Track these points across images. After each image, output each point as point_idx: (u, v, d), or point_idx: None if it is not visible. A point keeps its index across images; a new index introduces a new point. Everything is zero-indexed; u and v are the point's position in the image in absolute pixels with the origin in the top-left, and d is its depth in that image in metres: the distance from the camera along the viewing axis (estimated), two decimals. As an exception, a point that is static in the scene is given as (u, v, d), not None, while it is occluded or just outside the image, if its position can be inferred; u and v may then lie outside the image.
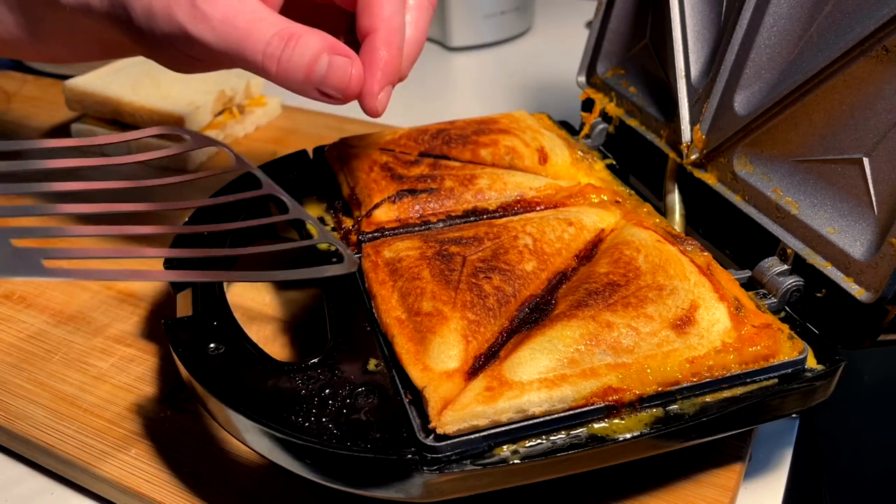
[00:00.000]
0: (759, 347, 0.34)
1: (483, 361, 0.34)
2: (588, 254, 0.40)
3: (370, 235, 0.42)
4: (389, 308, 0.36)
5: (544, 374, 0.32)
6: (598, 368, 0.32)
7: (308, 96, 0.37)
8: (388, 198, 0.43)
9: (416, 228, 0.43)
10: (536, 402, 0.31)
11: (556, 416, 0.31)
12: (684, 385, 0.33)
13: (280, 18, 0.37)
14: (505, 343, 0.35)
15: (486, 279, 0.36)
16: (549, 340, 0.33)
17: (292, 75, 0.36)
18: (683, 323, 0.34)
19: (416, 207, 0.44)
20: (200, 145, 0.38)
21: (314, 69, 0.36)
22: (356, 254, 0.41)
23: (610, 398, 0.32)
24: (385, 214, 0.43)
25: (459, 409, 0.30)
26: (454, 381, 0.32)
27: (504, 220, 0.42)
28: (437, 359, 0.33)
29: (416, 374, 0.33)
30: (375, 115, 0.39)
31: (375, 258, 0.39)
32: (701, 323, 0.34)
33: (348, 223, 0.44)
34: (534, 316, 0.36)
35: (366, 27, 0.38)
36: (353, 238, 0.42)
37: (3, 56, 0.48)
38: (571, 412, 0.31)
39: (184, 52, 0.38)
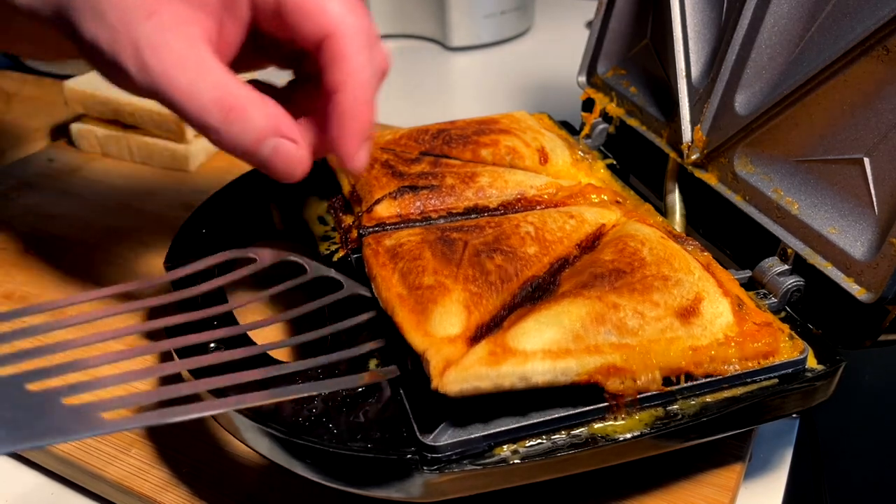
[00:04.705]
0: (760, 344, 0.33)
1: (485, 331, 0.33)
2: (590, 244, 0.40)
3: (371, 229, 0.42)
4: (390, 286, 0.36)
5: (548, 346, 0.31)
6: (602, 346, 0.32)
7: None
8: (389, 194, 0.43)
9: (417, 224, 0.43)
10: (540, 371, 0.31)
11: (556, 416, 0.31)
12: (685, 385, 0.33)
13: (222, 77, 0.34)
14: (507, 316, 0.34)
15: (487, 258, 0.36)
16: (556, 315, 0.33)
17: (234, 149, 0.35)
18: (688, 313, 0.34)
19: (417, 204, 0.44)
20: (273, 261, 0.36)
21: (257, 150, 0.34)
22: (356, 254, 0.41)
23: (613, 377, 0.31)
24: (386, 210, 0.43)
25: (463, 370, 0.30)
26: (456, 345, 0.32)
27: (506, 215, 0.42)
28: (439, 325, 0.33)
29: (418, 340, 0.32)
30: (358, 172, 0.37)
31: (376, 246, 0.39)
32: (705, 315, 0.34)
33: (349, 220, 0.44)
34: (536, 294, 0.36)
35: (334, 82, 0.35)
36: (354, 234, 0.42)
37: None
38: (572, 412, 0.31)
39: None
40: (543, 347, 0.31)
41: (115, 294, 0.33)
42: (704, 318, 0.34)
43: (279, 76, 0.41)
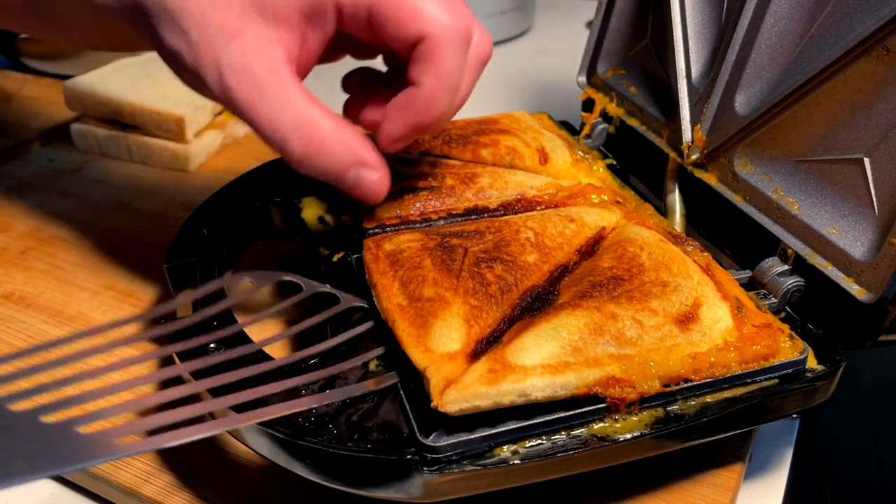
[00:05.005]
0: (759, 346, 0.34)
1: (485, 346, 0.33)
2: (589, 249, 0.40)
3: (371, 231, 0.42)
4: (390, 295, 0.36)
5: (547, 361, 0.31)
6: (601, 358, 0.32)
7: None
8: (389, 195, 0.43)
9: (417, 225, 0.43)
10: (539, 386, 0.31)
11: (556, 416, 0.31)
12: (685, 385, 0.33)
13: (303, 106, 0.34)
14: (507, 330, 0.34)
15: (487, 268, 0.36)
16: (554, 328, 0.33)
17: (316, 176, 0.35)
18: (687, 319, 0.34)
19: (417, 205, 0.44)
20: (268, 283, 0.36)
21: (339, 179, 0.35)
22: (356, 254, 0.41)
23: (613, 389, 0.31)
24: (386, 212, 0.43)
25: (462, 389, 0.30)
26: (456, 362, 0.32)
27: (505, 217, 0.42)
28: (439, 341, 0.33)
29: (418, 356, 0.33)
30: (387, 152, 0.38)
31: (376, 251, 0.39)
32: (704, 320, 0.34)
33: (348, 221, 0.44)
34: (536, 305, 0.36)
35: (417, 78, 0.35)
36: (354, 235, 0.42)
37: (4, 27, 0.44)
38: (572, 412, 0.31)
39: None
40: (542, 362, 0.31)
41: (116, 325, 0.33)
42: (703, 324, 0.34)
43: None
